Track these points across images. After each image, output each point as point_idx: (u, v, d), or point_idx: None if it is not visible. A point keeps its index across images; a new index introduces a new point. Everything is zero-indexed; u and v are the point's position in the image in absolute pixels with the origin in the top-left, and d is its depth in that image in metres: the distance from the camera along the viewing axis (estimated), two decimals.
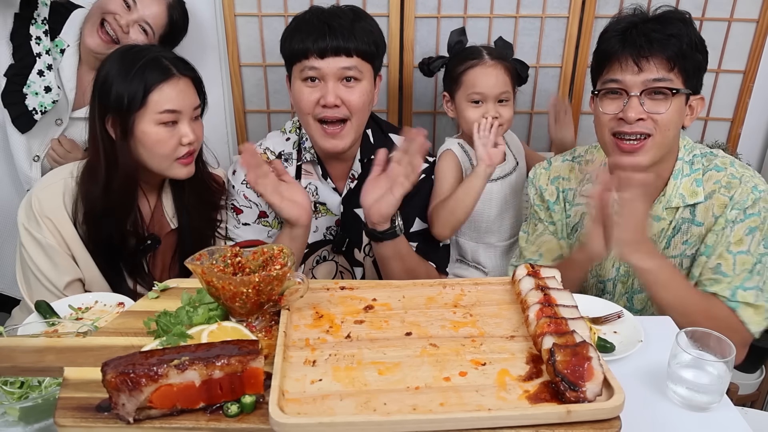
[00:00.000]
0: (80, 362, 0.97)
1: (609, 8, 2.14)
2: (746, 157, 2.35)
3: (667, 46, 1.40)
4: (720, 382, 1.13)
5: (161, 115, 1.48)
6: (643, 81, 1.41)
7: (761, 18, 2.15)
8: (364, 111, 1.67)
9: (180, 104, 1.50)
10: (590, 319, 1.34)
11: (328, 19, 1.61)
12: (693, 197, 1.50)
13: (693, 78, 1.44)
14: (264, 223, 1.79)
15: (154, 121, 1.48)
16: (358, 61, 1.61)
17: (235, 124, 2.30)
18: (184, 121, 1.52)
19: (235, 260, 1.07)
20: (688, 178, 1.52)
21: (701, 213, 1.51)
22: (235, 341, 0.92)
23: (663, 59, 1.41)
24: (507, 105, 1.80)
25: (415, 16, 2.13)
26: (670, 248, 1.55)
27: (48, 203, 1.52)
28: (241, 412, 0.88)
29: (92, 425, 0.86)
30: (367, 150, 1.78)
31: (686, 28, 1.42)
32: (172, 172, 1.57)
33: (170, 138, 1.51)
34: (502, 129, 1.78)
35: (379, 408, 0.88)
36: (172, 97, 1.49)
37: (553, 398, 0.89)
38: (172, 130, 1.51)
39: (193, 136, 1.54)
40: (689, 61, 1.42)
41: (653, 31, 1.41)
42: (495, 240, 1.93)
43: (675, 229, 1.54)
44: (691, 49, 1.41)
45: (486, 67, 1.78)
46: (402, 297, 1.17)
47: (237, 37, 2.16)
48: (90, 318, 1.34)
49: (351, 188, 1.78)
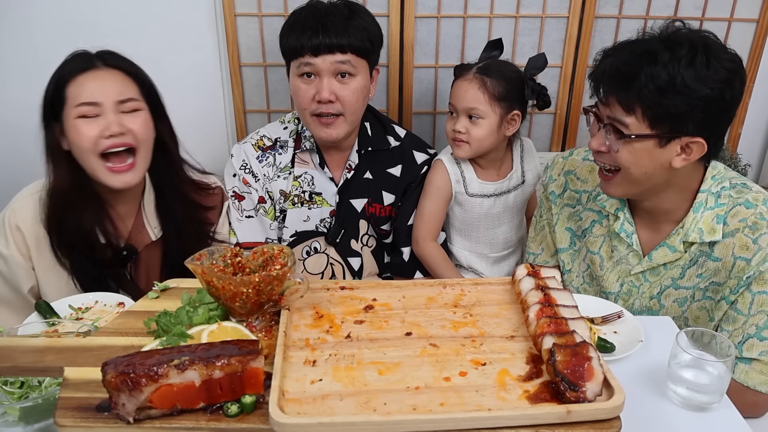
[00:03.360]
0: (80, 362, 0.97)
1: (609, 8, 2.14)
2: (746, 157, 2.35)
3: (625, 89, 1.27)
4: (720, 382, 1.12)
5: (79, 108, 1.39)
6: (606, 115, 1.33)
7: (761, 18, 2.15)
8: (358, 105, 1.72)
9: (99, 96, 1.40)
10: (590, 319, 1.34)
11: (322, 16, 1.65)
12: (711, 234, 1.39)
13: (669, 121, 1.27)
14: (263, 209, 1.83)
15: (73, 115, 1.39)
16: (352, 57, 1.65)
17: (235, 124, 2.30)
18: (108, 113, 1.41)
19: (235, 260, 1.07)
20: (711, 212, 1.40)
21: (720, 249, 1.40)
22: (235, 341, 0.92)
23: (617, 101, 1.29)
24: (477, 123, 1.73)
25: (415, 16, 2.13)
26: (684, 279, 1.46)
27: (22, 215, 1.48)
28: (241, 412, 0.88)
29: (92, 425, 0.86)
30: (364, 142, 1.82)
31: (664, 69, 1.23)
32: (104, 179, 1.45)
33: (90, 131, 1.39)
34: (467, 147, 1.76)
35: (379, 408, 0.88)
36: (91, 88, 1.40)
37: (553, 398, 0.89)
38: (92, 122, 1.40)
39: (118, 128, 1.40)
40: (657, 107, 1.25)
41: (620, 66, 1.28)
42: (487, 251, 1.94)
43: (692, 261, 1.44)
44: (659, 95, 1.24)
45: (463, 80, 1.75)
46: (402, 297, 1.17)
47: (237, 37, 2.16)
48: (90, 318, 1.34)
49: (347, 178, 1.82)
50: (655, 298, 1.50)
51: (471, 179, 1.84)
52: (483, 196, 1.85)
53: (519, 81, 1.76)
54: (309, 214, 1.83)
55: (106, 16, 2.11)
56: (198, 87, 2.23)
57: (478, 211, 1.86)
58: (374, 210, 1.86)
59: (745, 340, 1.36)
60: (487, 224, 1.89)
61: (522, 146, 1.91)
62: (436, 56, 2.20)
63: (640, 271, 1.50)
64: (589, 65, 2.21)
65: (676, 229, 1.45)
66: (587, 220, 1.62)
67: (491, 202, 1.86)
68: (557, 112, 2.28)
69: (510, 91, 1.74)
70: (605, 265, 1.56)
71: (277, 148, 1.82)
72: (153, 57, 2.16)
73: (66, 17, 2.10)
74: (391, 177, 1.86)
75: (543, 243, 1.73)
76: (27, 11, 2.10)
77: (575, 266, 1.65)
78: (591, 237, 1.59)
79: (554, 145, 2.34)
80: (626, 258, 1.52)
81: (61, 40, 2.12)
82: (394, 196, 1.86)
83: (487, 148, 1.79)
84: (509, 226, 1.93)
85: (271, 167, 1.81)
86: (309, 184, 1.82)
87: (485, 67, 1.75)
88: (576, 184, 1.64)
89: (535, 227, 1.77)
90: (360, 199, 1.84)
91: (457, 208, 1.88)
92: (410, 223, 1.86)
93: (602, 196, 1.54)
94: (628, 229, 1.50)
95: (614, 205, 1.52)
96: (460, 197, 1.85)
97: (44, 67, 2.24)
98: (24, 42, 2.14)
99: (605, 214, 1.56)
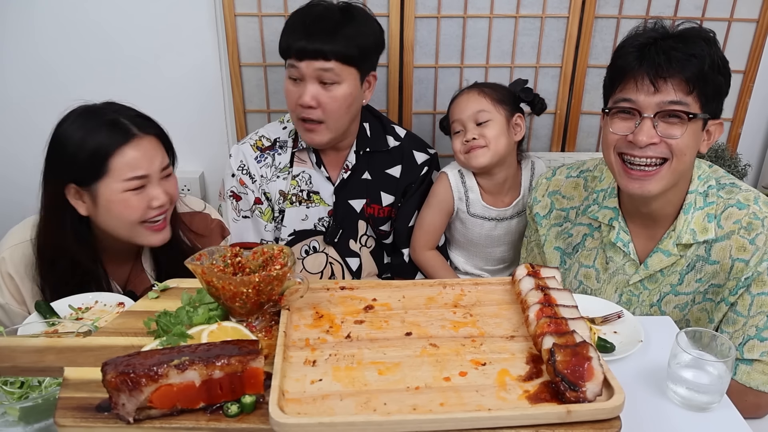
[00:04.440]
0: (80, 362, 0.97)
1: (609, 8, 2.14)
2: (746, 157, 2.35)
3: (687, 66, 1.28)
4: (720, 382, 1.12)
5: (128, 183, 1.38)
6: (658, 102, 1.30)
7: (761, 18, 2.15)
8: (341, 112, 1.69)
9: (147, 167, 1.40)
10: (590, 319, 1.34)
11: (312, 21, 1.64)
12: (703, 234, 1.40)
13: (712, 102, 1.33)
14: (258, 210, 1.83)
15: (120, 189, 1.38)
16: (336, 65, 1.63)
17: (235, 124, 2.30)
18: (154, 183, 1.42)
19: (235, 260, 1.07)
20: (701, 212, 1.41)
21: (717, 252, 1.40)
22: (235, 341, 0.92)
23: (681, 80, 1.29)
24: (487, 125, 1.75)
25: (415, 16, 2.13)
26: (683, 285, 1.45)
27: (12, 263, 1.45)
28: (241, 412, 0.88)
29: (92, 425, 0.86)
30: (363, 143, 1.82)
31: (709, 48, 1.30)
32: (144, 240, 1.46)
33: (139, 203, 1.40)
34: (485, 150, 1.76)
35: (379, 408, 0.88)
36: (137, 160, 1.38)
37: (553, 398, 0.89)
38: (140, 194, 1.40)
39: (165, 197, 1.44)
40: (710, 85, 1.30)
41: (673, 49, 1.29)
42: (483, 264, 1.94)
43: (689, 267, 1.44)
44: (712, 72, 1.29)
45: (460, 96, 1.78)
46: (402, 297, 1.17)
47: (237, 37, 2.16)
48: (90, 318, 1.33)
49: (344, 178, 1.81)
50: (655, 305, 1.50)
51: (475, 200, 1.83)
52: (484, 218, 1.85)
53: (512, 91, 1.81)
54: (307, 212, 1.83)
55: (107, 16, 2.11)
56: (198, 87, 2.23)
57: (478, 231, 1.87)
58: (373, 211, 1.86)
59: (746, 342, 1.36)
60: (486, 243, 1.89)
61: (533, 170, 1.91)
62: (436, 56, 2.20)
63: (638, 280, 1.49)
64: (590, 65, 2.21)
65: (667, 233, 1.44)
66: (578, 235, 1.59)
67: (492, 225, 1.86)
68: (557, 112, 2.28)
69: (507, 96, 1.78)
70: (601, 277, 1.55)
71: (276, 149, 1.82)
72: (153, 57, 2.18)
73: (66, 17, 2.10)
74: (391, 178, 1.86)
75: (534, 262, 1.72)
76: (27, 11, 2.10)
77: (566, 285, 1.63)
78: (584, 251, 1.58)
79: (554, 145, 2.34)
80: (622, 268, 1.51)
81: (62, 40, 2.14)
82: (393, 197, 1.86)
83: (503, 152, 1.78)
84: (508, 247, 1.93)
85: (269, 168, 1.81)
86: (307, 183, 1.82)
87: (476, 83, 1.79)
88: (562, 202, 1.63)
89: (526, 248, 1.77)
90: (359, 199, 1.84)
91: (458, 224, 1.88)
92: (411, 224, 1.86)
93: (593, 207, 1.54)
94: (624, 237, 1.48)
95: (608, 215, 1.51)
96: (462, 215, 1.85)
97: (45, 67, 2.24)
98: (24, 42, 2.14)
99: (596, 225, 1.55)
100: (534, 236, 1.71)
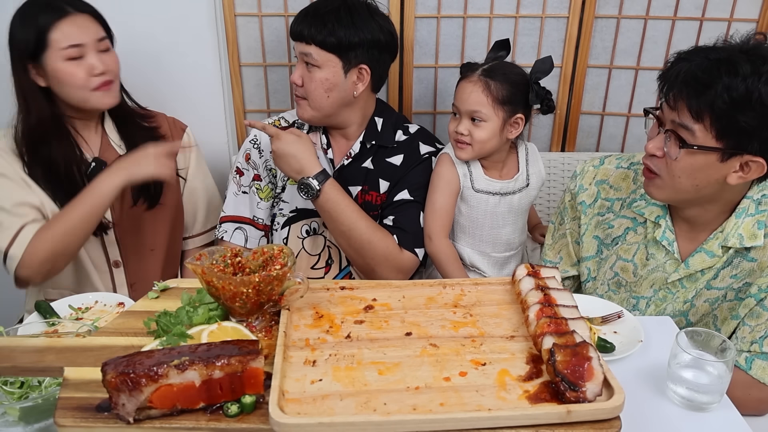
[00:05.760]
0: (80, 362, 0.97)
1: (609, 8, 2.14)
2: None
3: (697, 95, 1.24)
4: (720, 382, 1.13)
5: (65, 51, 1.60)
6: (672, 120, 1.30)
7: (761, 18, 2.15)
8: (320, 96, 1.76)
9: (81, 37, 1.61)
10: (590, 319, 1.34)
11: (313, 8, 1.73)
12: (751, 240, 1.39)
13: (736, 136, 1.24)
14: (256, 186, 1.91)
15: (61, 57, 1.60)
16: (315, 50, 1.71)
17: (235, 124, 2.30)
18: (91, 53, 1.63)
19: (235, 260, 1.07)
20: (751, 219, 1.39)
21: (757, 251, 1.40)
22: (235, 341, 0.92)
23: (686, 107, 1.26)
24: (480, 126, 1.74)
25: (415, 16, 2.13)
26: (717, 279, 1.45)
27: None
28: (241, 412, 0.88)
29: (92, 425, 0.86)
30: (371, 135, 1.86)
31: (743, 82, 1.20)
32: (94, 102, 1.68)
33: (79, 71, 1.62)
34: (469, 149, 1.76)
35: (379, 408, 0.88)
36: (72, 31, 1.61)
37: (553, 398, 0.89)
38: (80, 64, 1.63)
39: (103, 66, 1.65)
40: (728, 119, 1.23)
41: (697, 71, 1.25)
42: (490, 250, 1.93)
43: (726, 263, 1.44)
44: (732, 107, 1.22)
45: (467, 81, 1.75)
46: (402, 297, 1.17)
47: (237, 37, 2.16)
48: (90, 318, 1.34)
49: (344, 164, 1.85)
50: (689, 302, 1.50)
51: (478, 175, 1.84)
52: (488, 193, 1.85)
53: (524, 84, 1.75)
54: None
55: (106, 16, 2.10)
56: (198, 87, 2.22)
57: (483, 208, 1.86)
58: (370, 198, 1.88)
59: (767, 336, 1.37)
60: (491, 223, 1.89)
61: (527, 150, 1.92)
62: (436, 56, 2.20)
63: (677, 279, 1.48)
64: (589, 65, 2.21)
65: (714, 234, 1.43)
66: (620, 227, 1.58)
67: (496, 201, 1.86)
68: (557, 112, 2.27)
69: (514, 94, 1.74)
70: (639, 272, 1.54)
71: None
72: (153, 57, 2.17)
73: None
74: (391, 165, 1.87)
75: (562, 251, 1.70)
76: None
77: (601, 274, 1.62)
78: (624, 245, 1.56)
79: (554, 145, 2.34)
80: (663, 266, 1.50)
81: None
82: (389, 183, 1.87)
83: (488, 151, 1.79)
84: (513, 228, 1.93)
85: None
86: None
87: (490, 69, 1.75)
88: (609, 192, 1.61)
89: (554, 235, 1.74)
90: (355, 186, 1.86)
91: (462, 205, 1.88)
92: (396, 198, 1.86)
93: (639, 202, 1.53)
94: (669, 237, 1.48)
95: (655, 212, 1.50)
96: (467, 192, 1.85)
97: None
98: None
99: (641, 221, 1.54)
100: (570, 224, 1.68)
